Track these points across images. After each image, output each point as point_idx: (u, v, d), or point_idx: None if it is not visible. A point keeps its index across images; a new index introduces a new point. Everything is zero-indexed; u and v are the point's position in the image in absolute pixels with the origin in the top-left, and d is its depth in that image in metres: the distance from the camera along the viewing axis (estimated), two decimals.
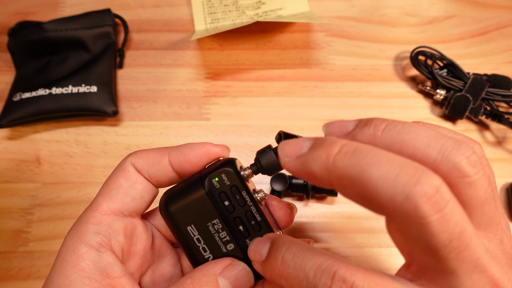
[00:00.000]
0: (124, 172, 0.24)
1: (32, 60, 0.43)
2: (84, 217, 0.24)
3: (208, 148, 0.25)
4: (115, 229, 0.23)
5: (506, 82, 0.41)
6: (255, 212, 0.23)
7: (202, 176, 0.23)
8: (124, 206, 0.24)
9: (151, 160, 0.25)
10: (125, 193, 0.24)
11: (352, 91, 0.44)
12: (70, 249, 0.23)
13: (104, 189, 0.24)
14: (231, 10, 0.47)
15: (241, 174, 0.23)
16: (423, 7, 0.48)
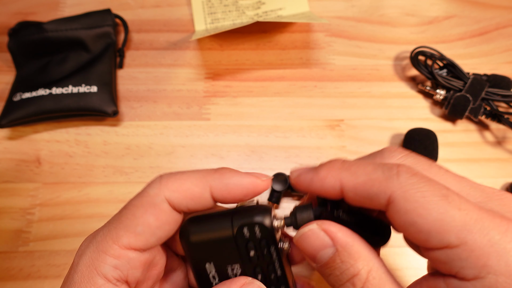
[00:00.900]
0: (155, 209, 0.22)
1: (32, 60, 0.43)
2: (102, 246, 0.22)
3: (254, 182, 0.23)
4: (134, 265, 0.22)
5: (506, 82, 0.41)
6: (277, 267, 0.23)
7: (233, 219, 0.23)
8: (147, 244, 0.22)
9: (191, 194, 0.23)
10: (152, 233, 0.22)
11: (352, 91, 0.44)
12: (86, 279, 0.21)
13: (128, 220, 0.22)
14: (231, 10, 0.47)
15: (273, 229, 0.22)
16: (423, 7, 0.48)
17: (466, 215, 0.18)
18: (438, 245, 0.18)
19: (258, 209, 0.23)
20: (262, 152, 0.41)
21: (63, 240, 0.38)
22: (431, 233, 0.18)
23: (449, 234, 0.18)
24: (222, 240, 0.23)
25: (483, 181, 0.40)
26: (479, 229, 0.18)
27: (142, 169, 0.41)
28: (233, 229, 0.22)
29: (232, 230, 0.22)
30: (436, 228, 0.18)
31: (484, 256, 0.17)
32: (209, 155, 0.41)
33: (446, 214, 0.18)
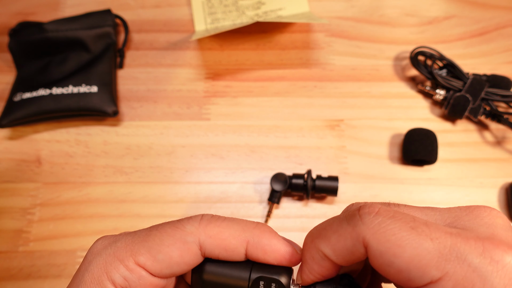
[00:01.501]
0: (184, 247, 0.22)
1: (33, 60, 0.43)
2: (120, 254, 0.22)
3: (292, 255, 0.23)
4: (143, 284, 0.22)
5: (505, 82, 0.41)
6: None
7: (252, 270, 0.22)
8: (159, 273, 0.22)
9: (226, 246, 0.22)
10: (168, 266, 0.22)
11: (352, 91, 0.44)
12: (95, 279, 0.22)
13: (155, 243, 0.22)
14: (231, 10, 0.47)
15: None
16: (422, 8, 0.48)
17: (439, 244, 0.18)
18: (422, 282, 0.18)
19: (280, 267, 0.23)
20: (262, 152, 0.41)
21: (63, 240, 0.38)
22: (411, 271, 0.18)
23: (428, 269, 0.18)
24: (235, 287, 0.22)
25: (483, 181, 0.40)
26: (456, 257, 0.17)
27: (142, 169, 0.41)
28: (250, 279, 0.22)
29: (249, 280, 0.22)
30: (414, 265, 0.18)
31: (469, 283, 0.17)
32: (209, 155, 0.41)
33: (419, 248, 0.18)
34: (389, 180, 0.40)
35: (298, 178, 0.38)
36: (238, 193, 0.40)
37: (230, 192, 0.40)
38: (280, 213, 0.39)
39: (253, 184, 0.40)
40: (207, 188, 0.40)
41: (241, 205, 0.39)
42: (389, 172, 0.41)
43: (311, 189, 0.37)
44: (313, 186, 0.37)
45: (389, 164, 0.41)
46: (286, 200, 0.39)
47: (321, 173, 0.39)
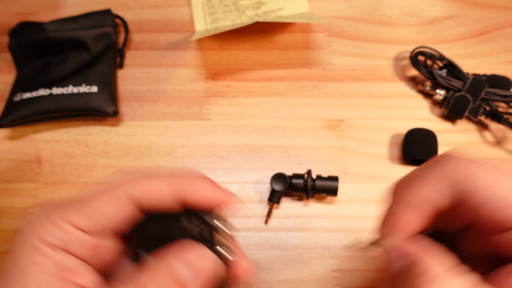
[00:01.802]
0: (111, 199, 0.22)
1: (33, 60, 0.43)
2: (47, 216, 0.22)
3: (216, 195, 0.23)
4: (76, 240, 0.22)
5: (506, 82, 0.41)
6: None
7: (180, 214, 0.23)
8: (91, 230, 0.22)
9: (153, 193, 0.23)
10: (100, 221, 0.22)
11: (352, 91, 0.44)
12: (27, 244, 0.21)
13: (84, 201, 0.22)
14: (231, 10, 0.47)
15: (217, 227, 0.23)
16: (422, 8, 0.48)
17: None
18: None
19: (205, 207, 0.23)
20: (262, 152, 0.41)
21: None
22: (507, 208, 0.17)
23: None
24: (171, 233, 0.23)
25: None
26: None
27: (142, 169, 0.41)
28: (180, 222, 0.23)
29: (179, 223, 0.23)
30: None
31: None
32: (209, 155, 0.41)
33: None
34: (389, 180, 0.40)
35: (298, 178, 0.38)
36: (238, 193, 0.40)
37: None
38: (280, 213, 0.39)
39: (253, 184, 0.40)
40: None
41: (241, 205, 0.39)
42: (389, 172, 0.41)
43: (311, 189, 0.37)
44: (313, 186, 0.37)
45: (389, 164, 0.41)
46: (286, 200, 0.39)
47: (321, 173, 0.39)
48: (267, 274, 0.36)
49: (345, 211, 0.39)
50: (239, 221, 0.38)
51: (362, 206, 0.39)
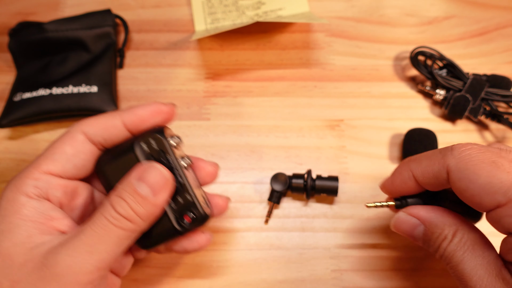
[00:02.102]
0: (71, 139, 0.26)
1: (33, 60, 0.43)
2: (24, 173, 0.25)
3: (158, 107, 0.27)
4: (53, 186, 0.25)
5: (506, 82, 0.41)
6: (178, 174, 0.27)
7: (132, 140, 0.26)
8: (64, 171, 0.26)
9: (104, 125, 0.26)
10: (67, 160, 0.26)
11: (352, 91, 0.44)
12: (10, 200, 0.24)
13: (48, 151, 0.26)
14: (231, 10, 0.47)
15: (168, 141, 0.26)
16: (422, 8, 0.48)
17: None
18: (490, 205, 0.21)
19: (152, 128, 0.27)
20: (262, 152, 0.41)
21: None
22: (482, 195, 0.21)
23: (497, 194, 0.21)
24: (127, 161, 0.26)
25: None
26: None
27: None
28: (134, 148, 0.26)
29: (134, 150, 0.26)
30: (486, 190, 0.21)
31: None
32: (209, 155, 0.41)
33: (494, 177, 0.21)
34: None
35: (298, 178, 0.38)
36: (238, 193, 0.40)
37: (230, 192, 0.40)
38: (280, 213, 0.39)
39: (253, 184, 0.40)
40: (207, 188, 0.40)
41: (241, 205, 0.39)
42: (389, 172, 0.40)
43: (311, 189, 0.37)
44: (313, 186, 0.37)
45: (389, 164, 0.41)
46: (286, 200, 0.39)
47: (321, 173, 0.39)
48: (267, 274, 0.36)
49: (345, 211, 0.39)
50: (239, 221, 0.38)
51: (362, 206, 0.39)
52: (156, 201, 0.24)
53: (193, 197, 0.27)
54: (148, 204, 0.24)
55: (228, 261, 0.37)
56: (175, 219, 0.27)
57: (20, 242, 0.23)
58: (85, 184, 0.28)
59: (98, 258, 0.23)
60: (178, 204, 0.27)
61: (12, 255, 0.23)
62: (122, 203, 0.23)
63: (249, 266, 0.37)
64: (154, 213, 0.25)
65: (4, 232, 0.23)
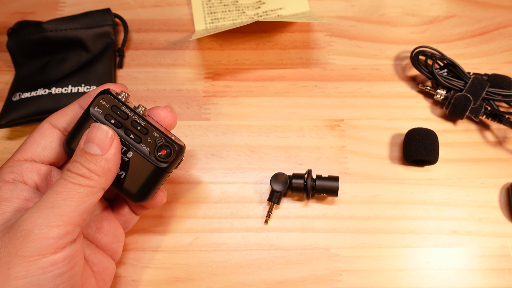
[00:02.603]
0: (39, 129, 0.29)
1: (32, 60, 0.43)
2: (3, 165, 0.28)
3: (108, 87, 0.29)
4: (27, 168, 0.28)
5: (507, 82, 0.41)
6: (138, 119, 0.28)
7: (86, 109, 0.28)
8: (35, 154, 0.28)
9: (64, 112, 0.30)
10: (36, 144, 0.28)
11: (352, 91, 0.44)
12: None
13: (22, 144, 0.29)
14: (231, 10, 0.47)
15: (117, 95, 0.28)
16: (423, 7, 0.48)
17: None
18: None
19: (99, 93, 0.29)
20: (262, 152, 0.41)
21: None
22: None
23: None
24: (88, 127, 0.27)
25: (483, 181, 0.40)
26: None
27: None
28: (89, 115, 0.28)
29: (90, 116, 0.28)
30: None
31: None
32: (209, 155, 0.41)
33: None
34: (389, 180, 0.40)
35: (298, 178, 0.38)
36: (238, 193, 0.39)
37: (230, 192, 0.39)
38: (280, 213, 0.39)
39: (253, 184, 0.40)
40: (207, 188, 0.40)
41: (241, 205, 0.39)
42: (389, 172, 0.40)
43: (311, 189, 0.37)
44: (313, 186, 0.37)
45: (389, 164, 0.41)
46: (286, 200, 0.39)
47: (322, 173, 0.38)
48: (267, 274, 0.36)
49: (346, 212, 0.39)
50: (239, 221, 0.38)
51: (362, 206, 0.39)
52: (108, 156, 0.26)
53: (160, 133, 0.28)
54: (100, 160, 0.26)
55: (228, 261, 0.37)
56: (153, 159, 0.28)
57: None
58: (58, 169, 0.30)
59: (61, 213, 0.24)
60: (150, 144, 0.28)
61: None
62: (76, 164, 0.26)
63: (249, 266, 0.37)
64: (110, 167, 0.26)
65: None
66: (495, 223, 0.38)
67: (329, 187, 0.37)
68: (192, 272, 0.36)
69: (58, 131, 0.29)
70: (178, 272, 0.36)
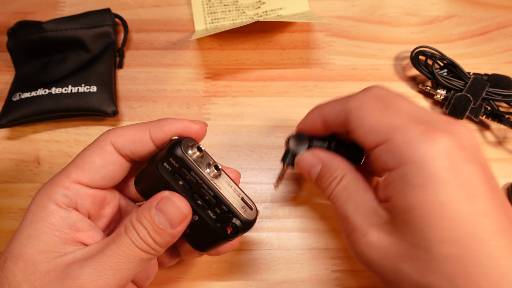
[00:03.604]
0: (101, 150, 0.26)
1: (32, 60, 0.43)
2: (55, 181, 0.26)
3: (187, 125, 0.27)
4: (82, 195, 0.26)
5: (507, 82, 0.41)
6: (207, 188, 0.26)
7: (155, 162, 0.26)
8: (92, 182, 0.26)
9: (132, 138, 0.27)
10: (96, 171, 0.26)
11: (352, 91, 0.43)
12: (40, 206, 0.25)
13: (78, 160, 0.26)
14: (231, 10, 0.47)
15: (188, 156, 0.26)
16: (423, 7, 0.48)
17: (395, 120, 0.24)
18: (373, 143, 0.25)
19: (170, 144, 0.26)
20: (262, 152, 0.41)
21: None
22: (369, 133, 0.25)
23: (379, 134, 0.24)
24: (158, 183, 0.26)
25: None
26: (403, 131, 0.23)
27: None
28: (158, 170, 0.26)
29: (158, 172, 0.26)
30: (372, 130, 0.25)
31: (402, 150, 0.23)
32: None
33: (381, 120, 0.25)
34: None
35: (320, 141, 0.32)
36: None
37: None
38: (280, 213, 0.39)
39: (253, 184, 0.40)
40: None
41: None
42: None
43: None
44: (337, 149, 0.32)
45: None
46: (286, 200, 0.39)
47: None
48: (267, 274, 0.36)
49: None
50: None
51: None
52: (174, 233, 0.25)
53: (230, 207, 0.27)
54: (166, 235, 0.25)
55: (228, 262, 0.37)
56: (218, 229, 0.27)
57: (45, 250, 0.24)
58: (113, 192, 0.28)
59: (121, 277, 0.24)
60: (217, 214, 0.27)
61: (36, 262, 0.23)
62: (143, 230, 0.24)
63: (249, 266, 0.37)
64: (172, 241, 0.26)
65: (31, 238, 0.24)
66: None
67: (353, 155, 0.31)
68: (192, 272, 0.36)
69: (121, 157, 0.27)
70: (178, 272, 0.36)
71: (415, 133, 0.23)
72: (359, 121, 0.26)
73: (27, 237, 0.24)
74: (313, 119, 0.30)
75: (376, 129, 0.25)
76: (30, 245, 0.24)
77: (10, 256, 0.24)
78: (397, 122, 0.24)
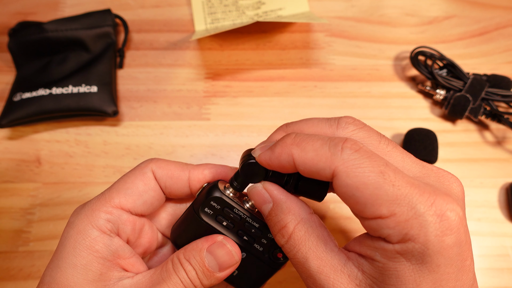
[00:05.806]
0: (143, 176, 0.26)
1: (33, 60, 0.43)
2: (96, 205, 0.25)
3: (227, 171, 0.27)
4: (124, 221, 0.25)
5: (506, 82, 0.41)
6: (252, 221, 0.26)
7: (195, 209, 0.26)
8: (134, 207, 0.26)
9: (172, 173, 0.27)
10: (138, 196, 0.26)
11: (352, 91, 0.44)
12: (81, 232, 0.24)
13: (120, 184, 0.26)
14: (231, 10, 0.47)
15: (227, 195, 0.26)
16: (423, 7, 0.48)
17: (398, 191, 0.20)
18: (372, 216, 0.21)
19: (207, 189, 0.26)
20: None
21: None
22: (367, 205, 0.21)
23: (381, 207, 0.20)
24: (201, 230, 0.26)
25: (483, 181, 0.40)
26: (407, 203, 0.20)
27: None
28: (200, 216, 0.26)
29: (200, 218, 0.26)
30: (371, 201, 0.21)
31: (408, 226, 0.20)
32: (209, 155, 0.41)
33: (380, 189, 0.20)
34: None
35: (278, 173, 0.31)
36: None
37: None
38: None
39: None
40: None
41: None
42: None
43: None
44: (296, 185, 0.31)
45: None
46: None
47: None
48: None
49: (345, 211, 0.39)
50: None
51: None
52: (220, 276, 0.25)
53: None
54: (213, 278, 0.25)
55: None
56: (267, 259, 0.27)
57: (93, 279, 0.24)
58: (150, 221, 0.28)
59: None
60: (264, 245, 0.26)
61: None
62: (192, 271, 0.24)
63: None
64: (215, 284, 0.26)
65: (77, 268, 0.24)
66: (494, 223, 0.39)
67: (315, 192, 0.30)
68: None
69: (159, 188, 0.27)
70: None
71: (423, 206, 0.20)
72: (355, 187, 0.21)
73: (73, 267, 0.23)
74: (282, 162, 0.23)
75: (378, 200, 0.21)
76: (78, 275, 0.23)
77: (56, 287, 0.23)
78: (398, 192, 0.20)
